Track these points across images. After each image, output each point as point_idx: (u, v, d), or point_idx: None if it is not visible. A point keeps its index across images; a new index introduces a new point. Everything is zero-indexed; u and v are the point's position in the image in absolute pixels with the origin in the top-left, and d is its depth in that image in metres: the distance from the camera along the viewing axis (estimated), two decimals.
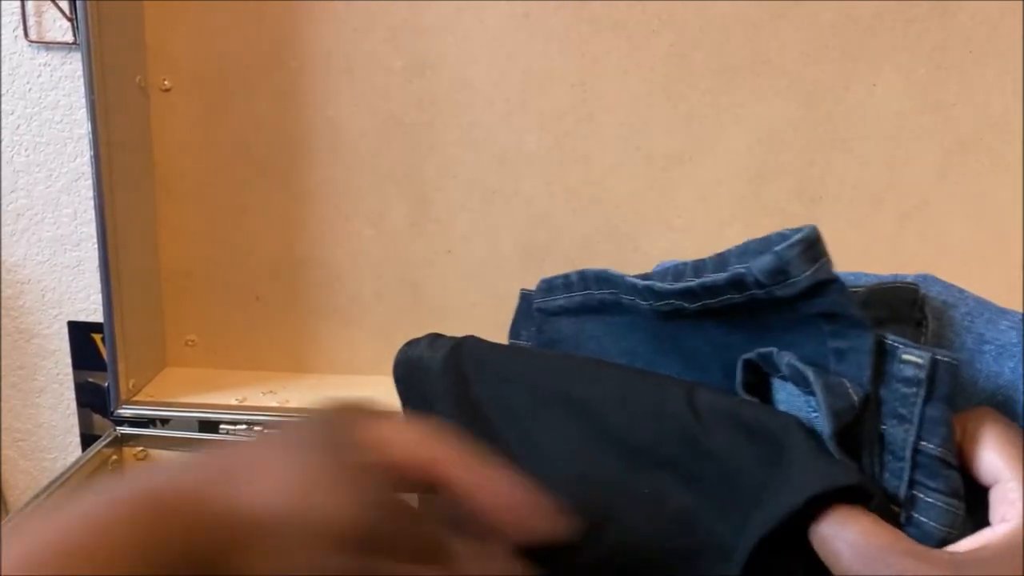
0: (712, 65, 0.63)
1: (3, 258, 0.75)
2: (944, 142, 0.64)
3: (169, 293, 0.71)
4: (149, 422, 0.66)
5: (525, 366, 0.39)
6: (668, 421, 0.33)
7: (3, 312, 0.77)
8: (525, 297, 0.48)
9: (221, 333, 0.73)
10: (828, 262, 0.28)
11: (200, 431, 0.66)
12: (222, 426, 0.65)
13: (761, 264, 0.29)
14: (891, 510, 0.28)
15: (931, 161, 0.64)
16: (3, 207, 0.73)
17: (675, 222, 0.67)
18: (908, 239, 0.66)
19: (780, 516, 0.27)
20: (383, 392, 0.70)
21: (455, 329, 0.71)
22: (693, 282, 0.32)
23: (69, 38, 0.67)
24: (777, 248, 0.28)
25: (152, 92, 0.65)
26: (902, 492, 0.28)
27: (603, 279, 0.38)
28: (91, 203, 0.68)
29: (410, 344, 0.46)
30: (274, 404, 0.67)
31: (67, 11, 0.66)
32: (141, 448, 0.66)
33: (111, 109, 0.59)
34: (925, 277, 0.33)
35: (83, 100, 0.59)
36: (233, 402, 0.67)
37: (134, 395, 0.67)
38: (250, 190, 0.68)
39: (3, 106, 0.69)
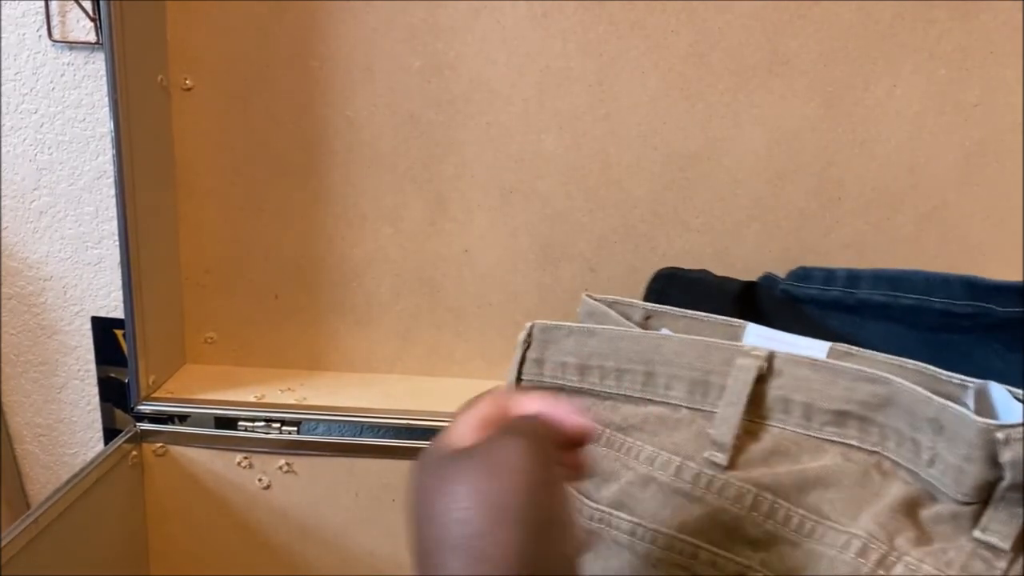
0: (731, 65, 0.63)
1: (26, 255, 0.76)
2: (964, 143, 0.63)
3: (189, 290, 0.72)
4: (168, 418, 0.67)
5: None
6: None
7: (25, 308, 0.78)
8: (768, 278, 0.56)
9: (240, 330, 0.73)
10: None
11: (217, 428, 0.67)
12: (240, 423, 0.66)
13: None
14: None
15: (951, 162, 0.64)
16: (26, 205, 0.74)
17: (693, 222, 0.67)
18: (928, 241, 0.66)
19: None
20: (402, 390, 0.71)
21: (472, 328, 0.72)
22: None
23: (92, 38, 0.68)
24: None
25: (174, 91, 0.66)
26: None
27: (883, 278, 0.45)
28: (113, 201, 0.69)
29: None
30: (292, 401, 0.67)
31: (90, 11, 0.67)
32: (161, 444, 0.66)
33: (133, 108, 0.60)
34: None
35: (105, 99, 0.60)
36: (251, 399, 0.67)
37: (154, 391, 0.68)
38: (270, 188, 0.69)
39: (27, 105, 0.70)
